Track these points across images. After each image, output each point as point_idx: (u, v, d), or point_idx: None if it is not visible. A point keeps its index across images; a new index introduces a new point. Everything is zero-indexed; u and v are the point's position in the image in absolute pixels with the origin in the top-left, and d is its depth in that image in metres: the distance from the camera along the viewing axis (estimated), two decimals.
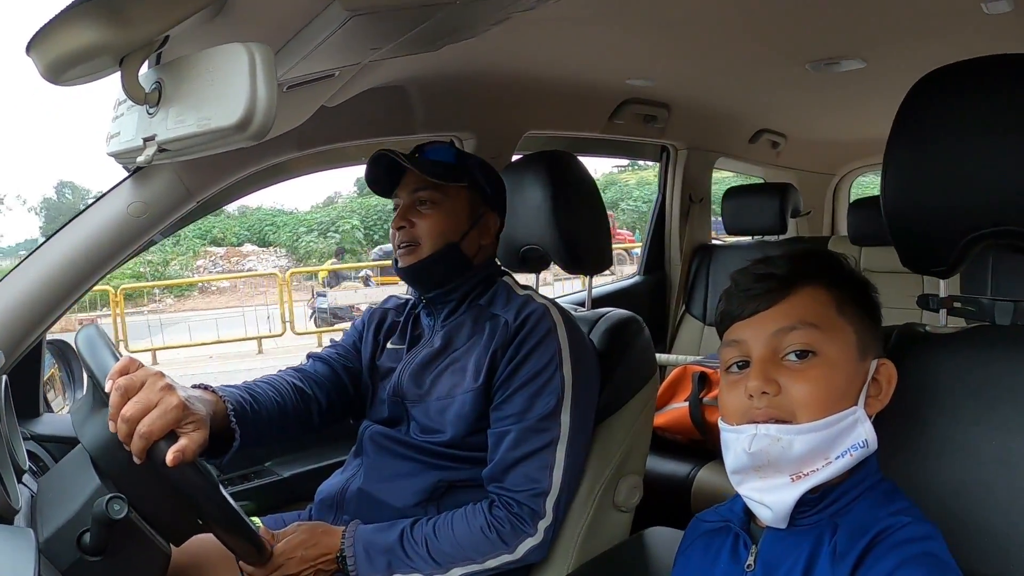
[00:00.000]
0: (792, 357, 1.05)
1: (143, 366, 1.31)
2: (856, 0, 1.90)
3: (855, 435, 1.03)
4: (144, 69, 1.02)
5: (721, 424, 1.10)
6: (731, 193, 3.70)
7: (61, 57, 0.92)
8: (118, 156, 1.08)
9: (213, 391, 1.50)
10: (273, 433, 1.64)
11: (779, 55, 2.38)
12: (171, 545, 1.35)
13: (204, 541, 1.46)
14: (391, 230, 1.76)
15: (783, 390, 1.03)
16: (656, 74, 2.59)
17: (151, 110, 1.00)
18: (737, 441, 1.05)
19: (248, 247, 22.55)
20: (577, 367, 1.63)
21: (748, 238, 3.78)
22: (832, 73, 2.53)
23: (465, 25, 1.36)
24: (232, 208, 24.25)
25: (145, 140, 0.99)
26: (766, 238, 3.68)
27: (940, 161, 1.19)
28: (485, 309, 1.72)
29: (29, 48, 0.93)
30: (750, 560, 1.09)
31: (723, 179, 4.54)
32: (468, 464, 1.65)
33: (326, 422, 1.78)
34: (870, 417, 1.05)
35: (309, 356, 1.87)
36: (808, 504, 1.04)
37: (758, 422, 1.03)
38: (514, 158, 2.45)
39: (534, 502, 1.57)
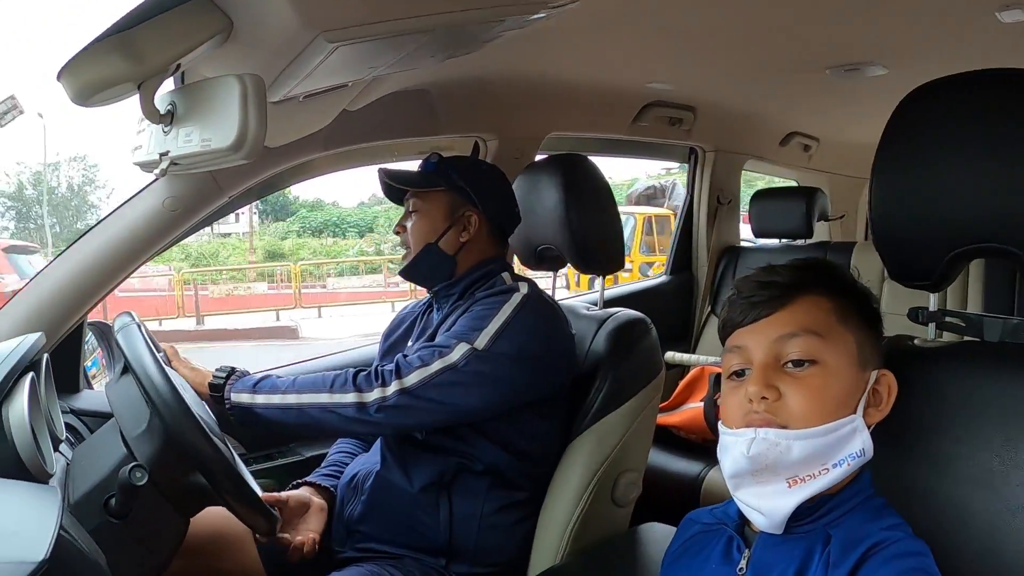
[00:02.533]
0: (792, 364, 1.05)
1: None
2: (874, 6, 1.90)
3: (853, 444, 1.04)
4: (164, 90, 1.13)
5: (721, 428, 1.11)
6: (758, 196, 3.69)
7: (87, 84, 1.03)
8: (141, 166, 1.18)
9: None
10: None
11: (799, 60, 2.39)
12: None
13: (223, 515, 1.56)
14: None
15: (782, 396, 1.04)
16: (677, 79, 2.62)
17: (166, 128, 1.11)
18: (736, 444, 1.05)
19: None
20: (510, 324, 1.69)
21: (775, 241, 3.78)
22: (855, 79, 2.53)
23: (457, 44, 1.44)
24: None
25: (161, 155, 1.10)
26: (794, 242, 3.68)
27: (925, 175, 1.19)
28: (481, 299, 1.79)
29: (60, 76, 1.04)
30: (742, 564, 1.10)
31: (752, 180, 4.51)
32: (476, 448, 1.72)
33: None
34: (869, 428, 1.06)
35: None
36: (804, 512, 1.05)
37: (756, 426, 1.04)
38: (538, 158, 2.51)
39: (389, 375, 1.66)
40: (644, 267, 12.42)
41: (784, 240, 3.69)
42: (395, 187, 1.87)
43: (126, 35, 1.01)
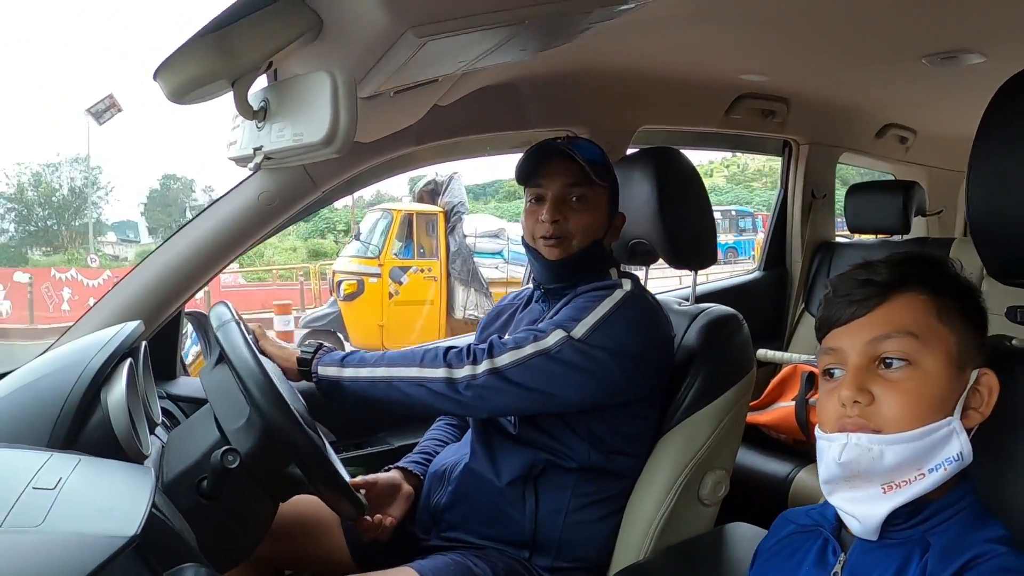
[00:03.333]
0: (887, 366, 1.03)
1: None
2: None
3: (950, 448, 1.00)
4: (257, 87, 1.16)
5: (817, 432, 1.09)
6: (854, 190, 3.60)
7: (183, 82, 1.07)
8: (236, 161, 1.22)
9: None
10: None
11: (894, 49, 2.33)
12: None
13: (310, 500, 1.59)
14: (529, 220, 1.82)
15: (876, 400, 1.01)
16: (770, 69, 2.57)
17: (259, 124, 1.14)
18: (829, 450, 1.03)
19: None
20: (609, 319, 1.67)
21: (871, 237, 3.68)
22: (952, 68, 2.45)
23: (548, 37, 1.43)
24: None
25: (255, 150, 1.13)
26: (890, 238, 3.58)
27: None
28: (584, 291, 1.77)
29: (156, 75, 1.08)
30: (837, 568, 1.08)
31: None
32: (567, 445, 1.71)
33: None
34: (969, 430, 1.02)
35: None
36: (901, 518, 1.02)
37: (849, 431, 1.02)
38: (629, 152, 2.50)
39: (481, 353, 1.66)
40: (396, 272, 11.10)
41: (880, 236, 3.60)
42: (534, 165, 1.80)
43: (221, 34, 1.04)
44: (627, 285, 1.75)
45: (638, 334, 1.69)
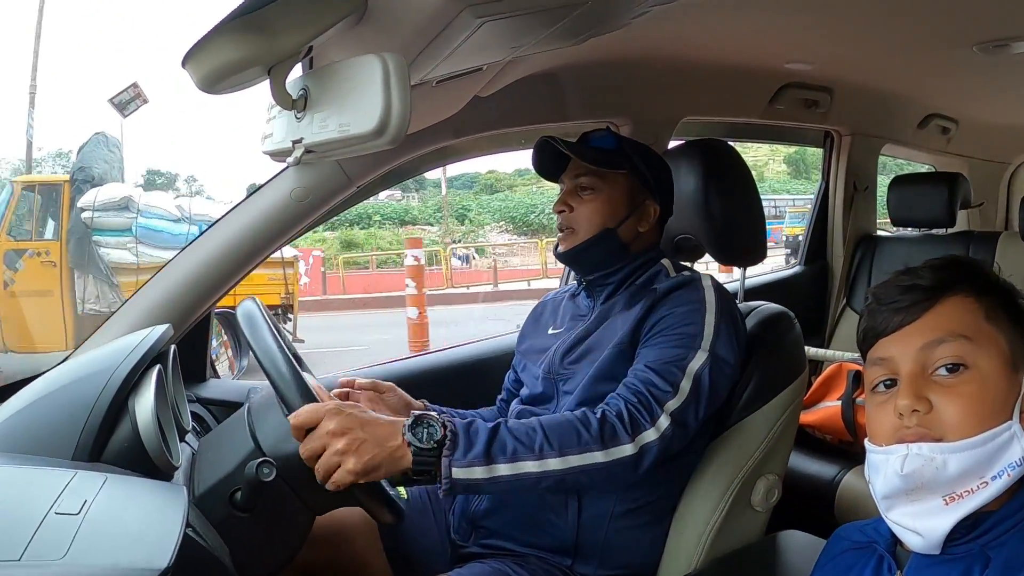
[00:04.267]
0: (943, 372, 1.01)
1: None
2: None
3: (1012, 452, 0.97)
4: (294, 75, 1.09)
5: (868, 446, 1.07)
6: (897, 182, 3.52)
7: (215, 70, 1.00)
8: (272, 155, 1.15)
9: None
10: None
11: (944, 36, 2.26)
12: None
13: (348, 509, 1.53)
14: (555, 214, 1.81)
15: (934, 407, 0.99)
16: (816, 57, 2.50)
17: (299, 115, 1.07)
18: (887, 463, 1.01)
19: None
20: (720, 323, 1.62)
21: (914, 230, 3.60)
22: (1001, 56, 2.37)
23: (605, 19, 1.37)
24: None
25: (294, 143, 1.06)
26: (934, 231, 3.50)
27: None
28: (643, 288, 1.74)
29: (185, 62, 1.01)
30: None
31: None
32: None
33: None
34: None
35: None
36: (961, 531, 0.99)
37: (908, 442, 0.99)
38: (672, 144, 2.44)
39: (652, 400, 1.51)
40: (11, 256, 9.24)
41: (924, 229, 3.52)
42: (550, 163, 1.80)
43: (256, 16, 0.96)
44: (706, 281, 1.70)
45: (741, 337, 1.68)
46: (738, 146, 2.19)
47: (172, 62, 1.08)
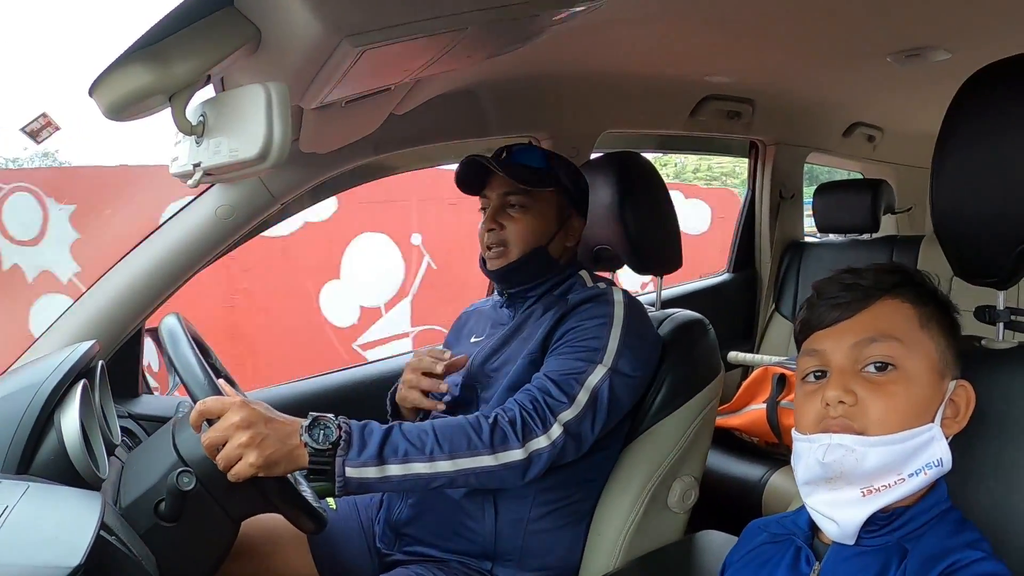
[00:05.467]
0: (871, 369, 1.04)
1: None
2: None
3: (930, 453, 1.01)
4: (197, 101, 1.12)
5: (794, 434, 1.09)
6: (822, 189, 3.61)
7: (119, 99, 1.02)
8: (178, 177, 1.18)
9: None
10: None
11: (859, 48, 2.32)
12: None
13: (275, 517, 1.56)
14: (480, 230, 1.82)
15: (860, 402, 1.02)
16: (736, 70, 2.55)
17: (198, 140, 1.10)
18: (810, 451, 1.03)
19: None
20: (625, 338, 1.65)
21: (840, 236, 3.69)
22: (918, 65, 2.44)
23: (500, 42, 1.41)
24: None
25: (194, 166, 1.10)
26: (859, 236, 3.59)
27: (991, 164, 1.15)
28: (558, 298, 1.77)
29: (91, 92, 1.04)
30: None
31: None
32: None
33: None
34: (946, 439, 1.03)
35: None
36: (876, 523, 1.02)
37: (832, 432, 1.02)
38: (593, 156, 2.48)
39: (547, 410, 1.55)
40: None
41: (849, 235, 3.60)
42: (473, 177, 1.81)
43: (155, 49, 1.00)
44: (618, 295, 1.74)
45: (649, 351, 1.73)
46: None
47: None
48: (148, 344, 2.12)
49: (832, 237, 3.75)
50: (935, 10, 2.00)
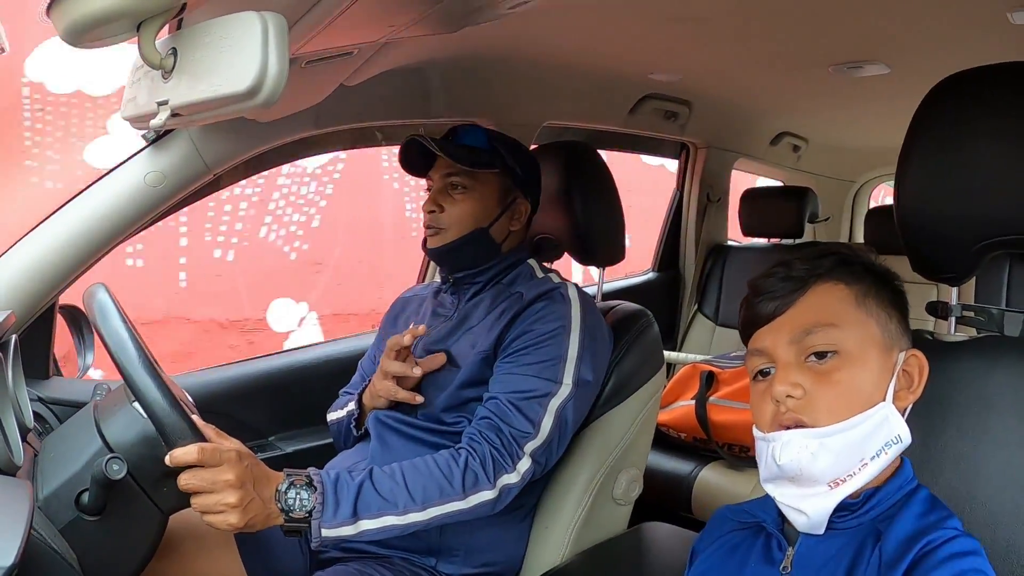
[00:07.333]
0: (813, 359, 1.03)
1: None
2: (880, 4, 1.86)
3: (887, 431, 1.00)
4: (163, 36, 1.03)
5: (755, 432, 1.08)
6: (749, 194, 3.68)
7: (79, 20, 0.91)
8: (133, 120, 1.08)
9: None
10: None
11: (802, 56, 2.35)
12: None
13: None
14: (423, 212, 1.78)
15: (808, 394, 1.01)
16: (679, 69, 2.56)
17: (165, 75, 1.00)
18: (767, 450, 1.03)
19: None
20: (584, 342, 1.64)
21: (764, 240, 3.76)
22: (855, 77, 2.49)
23: (484, 7, 1.36)
24: None
25: (159, 104, 1.00)
26: (782, 241, 3.66)
27: (955, 168, 1.18)
28: (507, 288, 1.74)
29: (49, 10, 0.94)
30: (785, 563, 1.07)
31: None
32: None
33: None
34: (903, 412, 1.03)
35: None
36: (848, 508, 1.02)
37: (787, 426, 1.01)
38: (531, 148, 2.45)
39: (514, 443, 1.55)
40: None
41: (773, 240, 3.67)
42: (418, 158, 1.78)
43: None
44: (572, 292, 1.71)
45: (604, 355, 1.73)
46: None
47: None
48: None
49: (756, 241, 3.82)
50: (879, 26, 2.04)
